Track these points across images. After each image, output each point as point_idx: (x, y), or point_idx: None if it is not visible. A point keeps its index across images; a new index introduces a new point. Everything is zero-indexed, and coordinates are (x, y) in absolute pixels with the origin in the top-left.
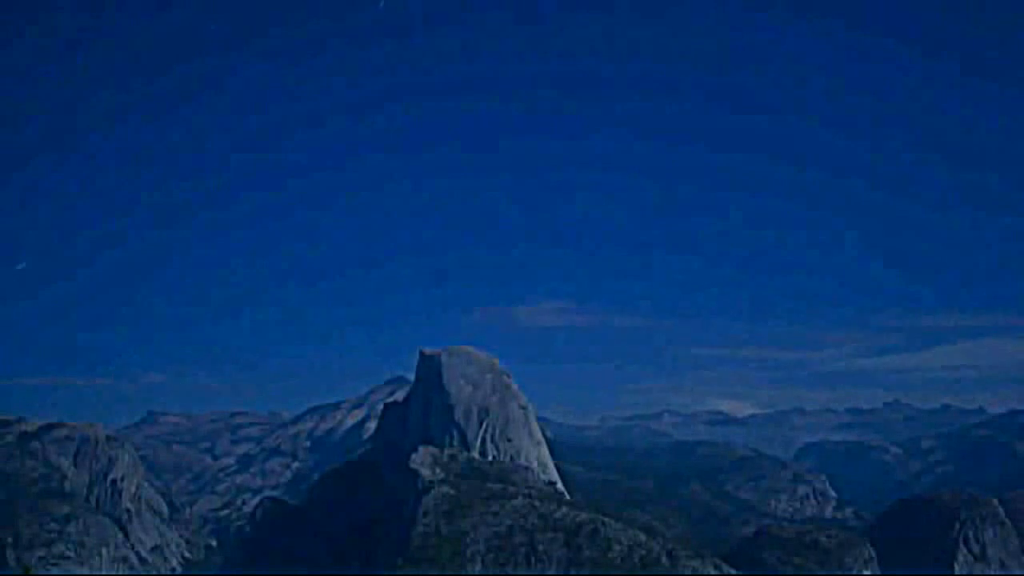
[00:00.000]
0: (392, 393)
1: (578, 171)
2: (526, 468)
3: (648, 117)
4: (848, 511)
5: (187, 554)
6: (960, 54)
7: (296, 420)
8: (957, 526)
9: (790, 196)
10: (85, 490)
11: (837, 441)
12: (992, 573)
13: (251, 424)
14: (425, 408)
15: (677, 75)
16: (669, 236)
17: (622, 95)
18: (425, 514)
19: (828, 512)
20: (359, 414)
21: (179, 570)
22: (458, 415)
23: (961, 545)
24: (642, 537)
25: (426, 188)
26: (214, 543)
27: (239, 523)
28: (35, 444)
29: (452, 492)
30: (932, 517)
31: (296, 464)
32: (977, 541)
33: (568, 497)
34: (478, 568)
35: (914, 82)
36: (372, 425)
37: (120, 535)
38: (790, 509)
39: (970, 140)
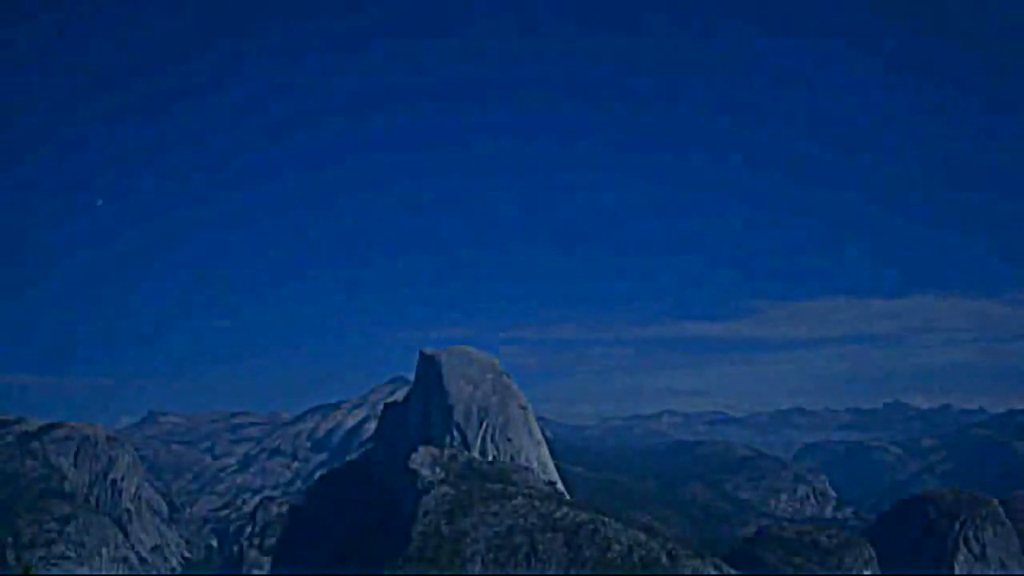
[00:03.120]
0: (392, 393)
1: (578, 173)
2: (526, 468)
3: (646, 122)
4: (848, 511)
5: (187, 554)
6: (956, 68)
7: (296, 420)
8: (957, 526)
9: (790, 199)
10: (85, 490)
11: (837, 441)
12: (992, 573)
13: (251, 424)
14: (425, 408)
15: (677, 83)
16: (669, 238)
17: (622, 101)
18: (425, 514)
19: (828, 512)
20: (359, 414)
21: (179, 570)
22: (458, 415)
23: (961, 545)
24: (642, 537)
25: (426, 188)
26: (214, 543)
27: (239, 523)
28: (35, 444)
29: (452, 492)
30: (932, 517)
31: (296, 464)
32: (977, 541)
33: (568, 497)
34: (478, 568)
35: (906, 92)
36: (372, 425)
37: (120, 535)
38: (790, 509)
39: (967, 145)
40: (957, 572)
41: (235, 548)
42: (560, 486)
